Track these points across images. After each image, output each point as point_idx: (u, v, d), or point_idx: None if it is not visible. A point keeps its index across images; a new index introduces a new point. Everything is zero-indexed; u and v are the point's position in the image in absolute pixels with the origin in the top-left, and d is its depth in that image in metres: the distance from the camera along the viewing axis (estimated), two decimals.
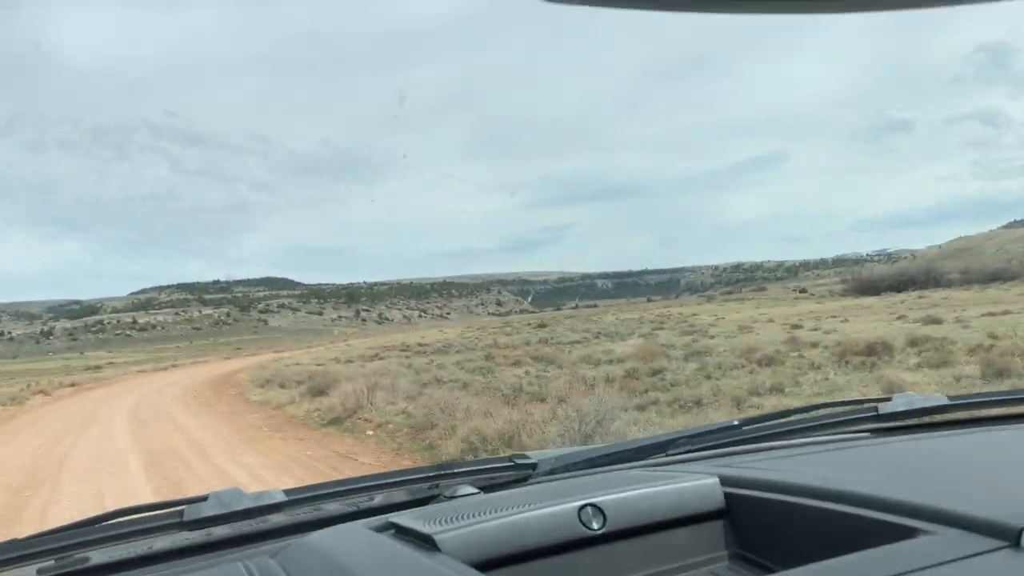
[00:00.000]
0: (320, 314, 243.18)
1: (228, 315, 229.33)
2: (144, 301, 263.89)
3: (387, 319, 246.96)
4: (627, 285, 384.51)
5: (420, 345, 42.31)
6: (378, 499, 1.42)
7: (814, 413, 1.64)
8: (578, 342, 30.85)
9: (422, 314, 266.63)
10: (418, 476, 1.45)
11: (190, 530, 1.23)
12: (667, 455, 1.52)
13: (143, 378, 36.75)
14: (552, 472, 1.51)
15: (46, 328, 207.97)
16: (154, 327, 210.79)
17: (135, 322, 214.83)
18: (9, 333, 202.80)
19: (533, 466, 1.51)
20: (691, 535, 1.19)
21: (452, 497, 1.39)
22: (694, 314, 59.23)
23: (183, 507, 1.23)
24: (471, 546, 1.05)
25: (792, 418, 1.62)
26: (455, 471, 1.47)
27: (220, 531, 1.26)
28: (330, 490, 1.37)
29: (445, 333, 69.16)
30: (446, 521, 1.10)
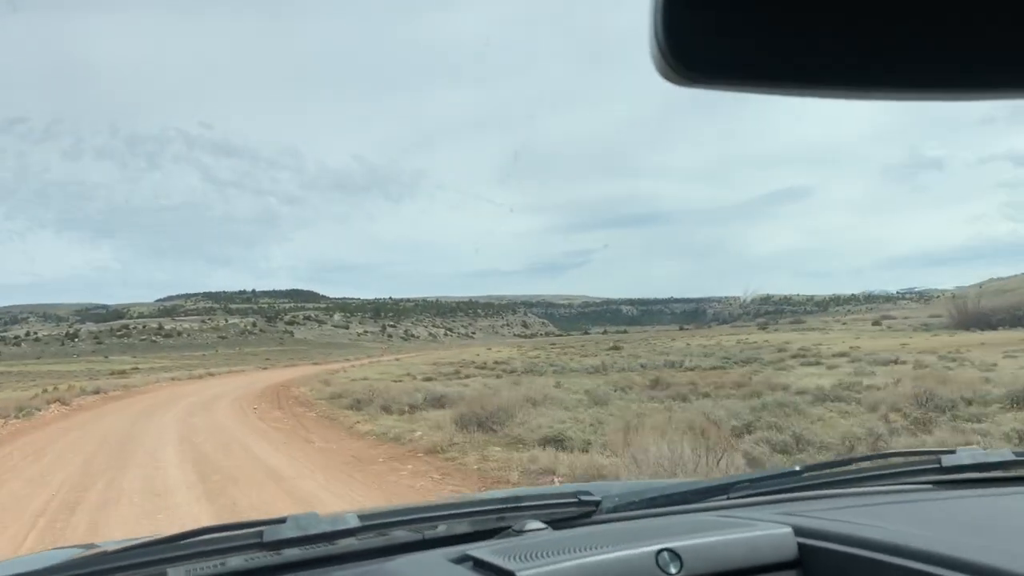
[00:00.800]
0: (346, 328, 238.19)
1: (254, 325, 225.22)
2: (170, 308, 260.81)
3: (413, 336, 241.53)
4: (652, 312, 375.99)
5: (496, 363, 36.52)
6: (445, 528, 1.40)
7: (876, 462, 1.64)
8: (718, 367, 24.86)
9: (448, 332, 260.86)
10: (485, 508, 1.45)
11: (268, 551, 1.25)
12: (728, 498, 1.52)
13: (178, 387, 31.18)
14: (616, 510, 1.51)
15: (71, 330, 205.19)
16: (180, 334, 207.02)
17: (161, 328, 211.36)
18: (35, 334, 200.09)
19: (597, 503, 1.50)
20: None
21: (521, 531, 1.38)
22: (787, 342, 52.75)
23: (263, 528, 1.24)
24: None
25: (854, 466, 1.61)
26: (521, 504, 1.46)
27: (295, 553, 1.27)
28: (402, 517, 1.38)
29: (499, 352, 63.08)
30: (524, 558, 1.12)
